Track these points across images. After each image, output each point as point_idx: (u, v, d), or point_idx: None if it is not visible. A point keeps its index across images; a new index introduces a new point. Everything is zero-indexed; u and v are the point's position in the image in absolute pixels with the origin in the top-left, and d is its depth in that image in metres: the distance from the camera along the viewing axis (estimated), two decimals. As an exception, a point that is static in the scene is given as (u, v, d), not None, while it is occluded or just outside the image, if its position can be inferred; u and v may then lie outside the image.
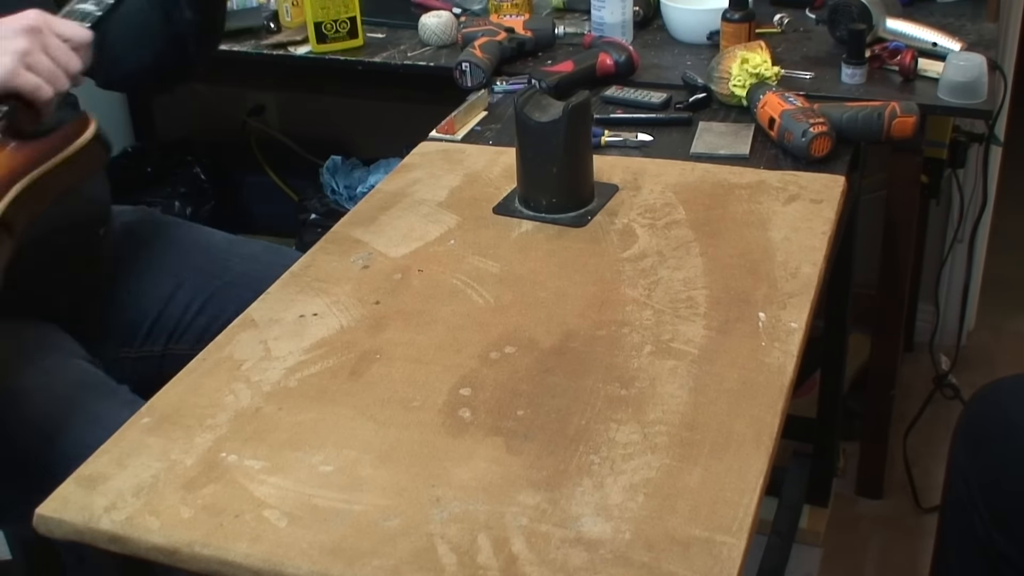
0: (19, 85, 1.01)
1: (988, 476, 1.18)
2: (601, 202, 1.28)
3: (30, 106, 1.03)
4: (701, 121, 1.49)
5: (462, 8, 2.00)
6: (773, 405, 0.93)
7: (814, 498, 1.95)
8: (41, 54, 1.03)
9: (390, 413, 0.95)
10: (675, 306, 1.07)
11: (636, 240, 1.19)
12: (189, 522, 0.84)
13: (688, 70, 1.62)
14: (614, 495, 0.84)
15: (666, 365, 0.99)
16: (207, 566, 0.82)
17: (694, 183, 1.31)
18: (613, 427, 0.91)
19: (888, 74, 1.60)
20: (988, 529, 1.16)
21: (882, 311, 1.80)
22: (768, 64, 1.48)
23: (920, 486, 2.00)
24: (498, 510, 0.83)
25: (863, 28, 1.59)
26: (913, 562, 1.88)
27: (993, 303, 2.47)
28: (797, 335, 1.02)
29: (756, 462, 0.87)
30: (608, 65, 1.62)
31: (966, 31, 1.72)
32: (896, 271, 1.76)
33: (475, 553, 0.80)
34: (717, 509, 0.82)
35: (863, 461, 2.01)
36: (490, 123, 1.53)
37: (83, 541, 0.87)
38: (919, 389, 2.17)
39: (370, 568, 0.79)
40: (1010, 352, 2.39)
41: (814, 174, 1.31)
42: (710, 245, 1.17)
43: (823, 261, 1.13)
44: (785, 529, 1.77)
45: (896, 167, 1.66)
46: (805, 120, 1.34)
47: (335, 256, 1.20)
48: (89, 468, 0.91)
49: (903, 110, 1.38)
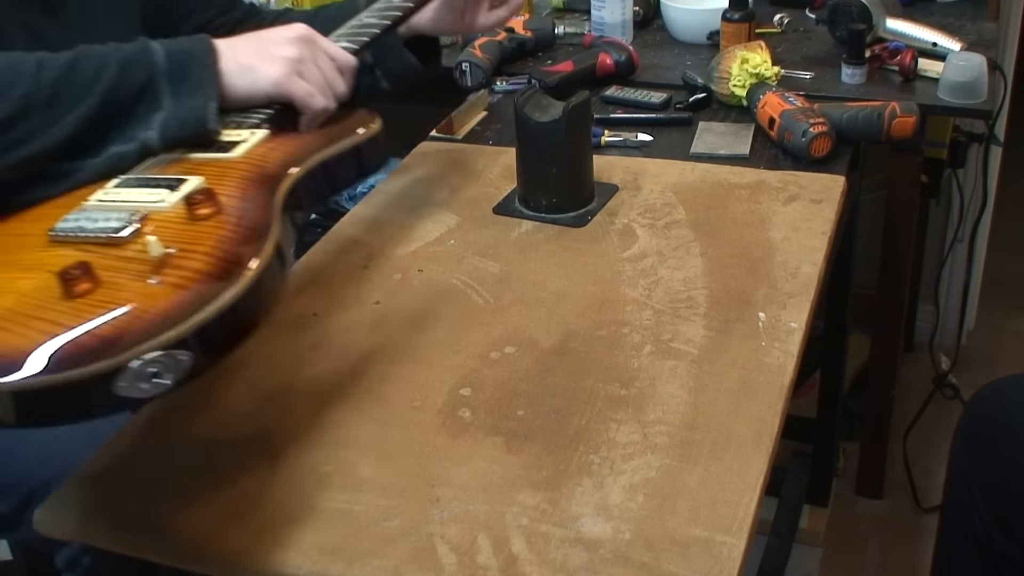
0: (292, 91, 1.00)
1: (989, 476, 1.18)
2: (601, 202, 1.28)
3: (296, 115, 1.02)
4: (701, 121, 1.49)
5: (462, 8, 2.00)
6: (773, 405, 0.93)
7: (814, 498, 1.95)
8: (312, 64, 1.03)
9: (390, 413, 0.95)
10: (675, 306, 1.07)
11: (636, 240, 1.19)
12: (189, 522, 0.84)
13: (688, 70, 1.62)
14: (614, 495, 0.84)
15: (666, 365, 0.99)
16: (207, 566, 0.82)
17: (694, 183, 1.31)
18: (613, 427, 0.91)
19: (888, 74, 1.60)
20: (989, 529, 1.16)
21: (882, 311, 1.80)
22: (768, 64, 1.48)
23: (920, 486, 2.00)
24: (498, 510, 0.83)
25: (863, 28, 1.59)
26: (913, 562, 1.88)
27: (993, 303, 2.47)
28: (797, 335, 1.02)
29: (756, 462, 0.87)
30: (608, 65, 1.62)
31: (966, 31, 1.73)
32: (896, 271, 1.76)
33: (475, 553, 0.80)
34: (717, 509, 0.82)
35: (863, 461, 2.01)
36: (490, 123, 1.53)
37: (83, 541, 0.87)
38: (919, 389, 2.17)
39: (370, 568, 0.79)
40: (1010, 352, 2.39)
41: (814, 174, 1.31)
42: (710, 245, 1.17)
43: (823, 261, 1.13)
44: (785, 529, 1.77)
45: (896, 167, 1.66)
46: (805, 120, 1.34)
47: (335, 256, 1.20)
48: (89, 468, 0.91)
49: (903, 110, 1.38)
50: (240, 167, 0.94)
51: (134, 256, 0.82)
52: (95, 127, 0.94)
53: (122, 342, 0.73)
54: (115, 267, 0.81)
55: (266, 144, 0.98)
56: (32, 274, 0.83)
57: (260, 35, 1.03)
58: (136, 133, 0.95)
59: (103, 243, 0.85)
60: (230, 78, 0.98)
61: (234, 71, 0.99)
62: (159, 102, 0.95)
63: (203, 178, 0.91)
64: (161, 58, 0.96)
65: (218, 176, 0.92)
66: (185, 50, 0.97)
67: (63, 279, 0.78)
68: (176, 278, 0.78)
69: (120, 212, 0.87)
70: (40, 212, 0.93)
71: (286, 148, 0.97)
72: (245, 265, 0.79)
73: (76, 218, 0.88)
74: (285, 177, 0.92)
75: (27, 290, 0.81)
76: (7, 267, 0.87)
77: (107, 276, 0.79)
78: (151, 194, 0.90)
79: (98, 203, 0.91)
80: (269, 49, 1.01)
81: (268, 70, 0.99)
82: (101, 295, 0.78)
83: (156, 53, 0.96)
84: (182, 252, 0.81)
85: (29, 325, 0.77)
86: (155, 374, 0.73)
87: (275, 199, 0.89)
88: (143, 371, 0.72)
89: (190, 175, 0.92)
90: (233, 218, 0.85)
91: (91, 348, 0.73)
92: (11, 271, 0.85)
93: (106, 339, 0.73)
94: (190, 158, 0.96)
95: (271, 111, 1.02)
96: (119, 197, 0.91)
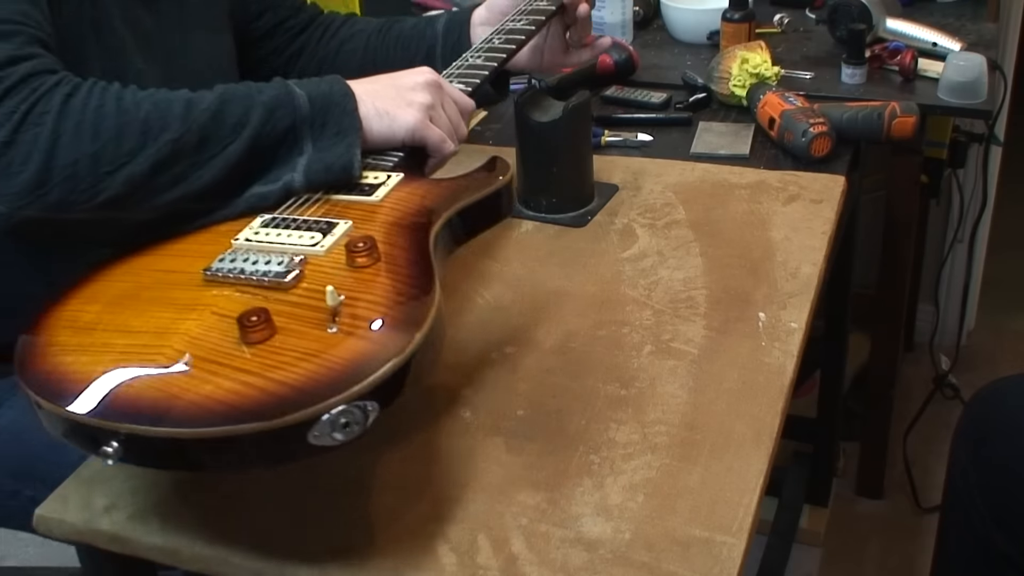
0: (427, 136, 1.02)
1: (989, 476, 1.18)
2: (601, 202, 1.28)
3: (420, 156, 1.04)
4: (701, 121, 1.49)
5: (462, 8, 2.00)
6: (773, 405, 0.93)
7: (814, 498, 1.95)
8: (441, 110, 1.05)
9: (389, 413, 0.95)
10: (675, 306, 1.07)
11: (636, 240, 1.19)
12: (189, 522, 0.84)
13: (688, 70, 1.62)
14: (614, 495, 0.84)
15: (666, 365, 0.99)
16: (207, 566, 0.82)
17: (694, 183, 1.31)
18: (613, 427, 0.91)
19: (888, 74, 1.60)
20: (989, 529, 1.16)
21: (882, 311, 1.80)
22: (768, 64, 1.48)
23: (920, 486, 2.00)
24: (498, 510, 0.83)
25: (863, 28, 1.59)
26: (913, 562, 1.88)
27: (993, 303, 2.47)
28: (797, 335, 1.02)
29: (756, 462, 0.87)
30: (608, 65, 1.62)
31: (966, 31, 1.73)
32: (896, 271, 1.76)
33: (475, 553, 0.80)
34: (717, 509, 0.82)
35: (863, 461, 2.01)
36: (490, 123, 1.53)
37: (83, 541, 0.87)
38: (919, 389, 2.17)
39: (370, 568, 0.79)
40: (1010, 352, 2.39)
41: (814, 174, 1.31)
42: (710, 245, 1.17)
43: (823, 261, 1.13)
44: (785, 529, 1.77)
45: (896, 167, 1.66)
46: (805, 120, 1.34)
47: (335, 256, 1.20)
48: (89, 468, 0.91)
49: (903, 110, 1.38)
50: (384, 211, 0.95)
51: (303, 302, 0.83)
52: (240, 169, 0.95)
53: (316, 394, 0.73)
54: (287, 312, 0.81)
55: (405, 188, 0.98)
56: (195, 315, 0.83)
57: (393, 80, 1.04)
58: (280, 174, 0.96)
59: (266, 286, 0.85)
60: (368, 123, 1.00)
61: (372, 116, 1.00)
62: (301, 146, 0.97)
63: (352, 222, 0.92)
64: (304, 102, 0.97)
65: (364, 220, 0.93)
66: (326, 94, 0.98)
67: (243, 325, 0.78)
68: (353, 328, 0.78)
69: (278, 255, 0.88)
70: (183, 248, 0.94)
71: (428, 194, 0.98)
72: (422, 317, 0.79)
73: (232, 258, 0.88)
74: (432, 224, 0.93)
75: (197, 333, 0.81)
76: (162, 304, 0.86)
77: (281, 322, 0.80)
78: (303, 237, 0.91)
79: (249, 243, 0.91)
80: (404, 95, 1.02)
81: (405, 116, 1.01)
82: (281, 343, 0.78)
83: (299, 97, 0.97)
84: (350, 300, 0.81)
85: (214, 372, 0.76)
86: (346, 424, 0.73)
87: (429, 246, 0.90)
88: (337, 421, 0.73)
89: (336, 217, 0.93)
90: (395, 267, 0.86)
91: (286, 399, 0.73)
92: (167, 309, 0.85)
93: (299, 390, 0.73)
94: (332, 199, 0.97)
95: (401, 153, 1.03)
96: (269, 238, 0.91)
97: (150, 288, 0.88)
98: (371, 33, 1.39)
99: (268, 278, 0.85)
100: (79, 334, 0.83)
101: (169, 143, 0.90)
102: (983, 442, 1.21)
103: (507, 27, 1.27)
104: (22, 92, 0.87)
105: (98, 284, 0.91)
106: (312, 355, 0.76)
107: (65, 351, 0.81)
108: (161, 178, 0.91)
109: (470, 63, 1.19)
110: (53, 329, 0.85)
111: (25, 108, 0.87)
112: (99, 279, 0.91)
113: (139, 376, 0.77)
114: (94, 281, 0.91)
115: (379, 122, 1.00)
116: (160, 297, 0.87)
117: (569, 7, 1.32)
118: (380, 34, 1.39)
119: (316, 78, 1.01)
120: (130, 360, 0.79)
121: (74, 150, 0.87)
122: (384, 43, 1.38)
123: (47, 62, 0.92)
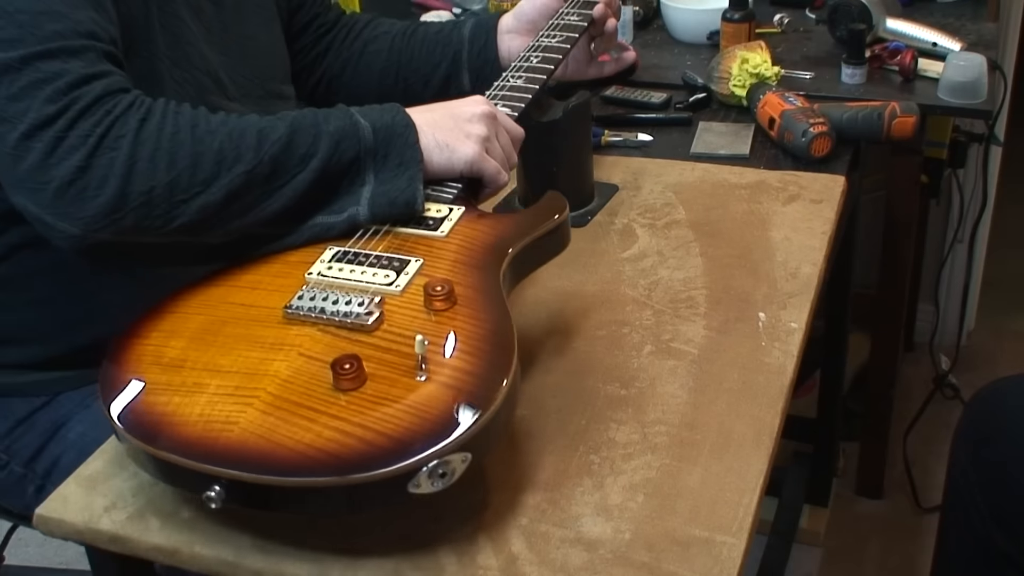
0: (484, 169, 1.02)
1: (989, 476, 1.18)
2: (601, 202, 1.28)
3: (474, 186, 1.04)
4: (701, 121, 1.49)
5: (462, 8, 2.00)
6: (773, 405, 0.93)
7: (814, 498, 1.95)
8: (495, 141, 1.05)
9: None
10: (675, 306, 1.07)
11: (636, 240, 1.19)
12: (189, 522, 0.84)
13: (688, 70, 1.62)
14: (614, 495, 0.84)
15: (666, 365, 0.99)
16: (207, 566, 0.82)
17: (694, 183, 1.31)
18: (613, 427, 0.91)
19: (888, 74, 1.60)
20: (989, 529, 1.16)
21: (882, 311, 1.80)
22: (768, 64, 1.48)
23: (920, 486, 2.00)
24: (498, 510, 0.83)
25: (863, 28, 1.59)
26: (913, 562, 1.88)
27: (993, 303, 2.47)
28: (797, 335, 1.02)
29: (756, 462, 0.87)
30: (608, 65, 1.62)
31: (966, 31, 1.72)
32: (896, 271, 1.76)
33: (475, 553, 0.80)
34: (717, 509, 0.82)
35: (863, 461, 2.01)
36: (490, 123, 1.53)
37: (83, 541, 0.87)
38: (919, 389, 2.17)
39: (370, 568, 0.79)
40: (1010, 352, 2.39)
41: (814, 174, 1.31)
42: (710, 245, 1.17)
43: (823, 261, 1.13)
44: (785, 529, 1.77)
45: (896, 167, 1.66)
46: (805, 120, 1.34)
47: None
48: (89, 468, 0.91)
49: (903, 110, 1.38)
50: (452, 248, 0.96)
51: (388, 346, 0.84)
52: (307, 198, 0.96)
53: (415, 446, 0.75)
54: (375, 358, 0.83)
55: (468, 223, 0.99)
56: (282, 355, 0.85)
57: (450, 109, 1.04)
58: (344, 205, 0.97)
59: (348, 327, 0.87)
60: (429, 154, 1.00)
61: (432, 148, 1.00)
62: (364, 176, 0.97)
63: (423, 259, 0.93)
64: (368, 133, 0.97)
65: (432, 256, 0.95)
66: (388, 126, 0.99)
67: (336, 372, 0.80)
68: (442, 377, 0.80)
69: (356, 294, 0.89)
70: (256, 280, 0.95)
71: (492, 230, 0.99)
72: (507, 364, 0.81)
73: (311, 295, 0.90)
74: (501, 262, 0.94)
75: (287, 375, 0.83)
76: (247, 343, 0.88)
77: (371, 368, 0.82)
78: (377, 275, 0.92)
79: (323, 278, 0.93)
80: (462, 126, 1.02)
81: (464, 149, 1.01)
82: (375, 391, 0.80)
83: (364, 128, 0.97)
84: (434, 345, 0.83)
85: (312, 419, 0.78)
86: (443, 475, 0.75)
87: (501, 287, 0.91)
88: (435, 471, 0.75)
89: (405, 253, 0.95)
90: (473, 311, 0.87)
91: (388, 450, 0.75)
92: (254, 348, 0.87)
93: (399, 441, 0.76)
94: (398, 232, 0.99)
95: (460, 184, 1.03)
96: (342, 274, 0.93)
97: (230, 323, 0.90)
98: (395, 35, 1.40)
99: (350, 320, 0.87)
100: (167, 372, 0.85)
101: (243, 174, 0.91)
102: (983, 442, 1.21)
103: (542, 44, 1.27)
104: (96, 114, 0.87)
105: (176, 316, 0.92)
106: (407, 406, 0.78)
107: (156, 390, 0.83)
108: (233, 207, 0.92)
109: (512, 84, 1.19)
110: (139, 364, 0.86)
111: (101, 132, 0.87)
112: (175, 311, 0.93)
113: (239, 421, 0.79)
114: (171, 313, 0.92)
115: (439, 154, 1.01)
116: (243, 334, 0.88)
117: (598, 21, 1.33)
118: (405, 36, 1.40)
119: (377, 107, 1.01)
120: (225, 403, 0.80)
121: (150, 178, 0.88)
122: (409, 45, 1.39)
123: (120, 80, 0.92)
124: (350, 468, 0.75)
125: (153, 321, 0.91)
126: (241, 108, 1.13)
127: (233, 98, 1.16)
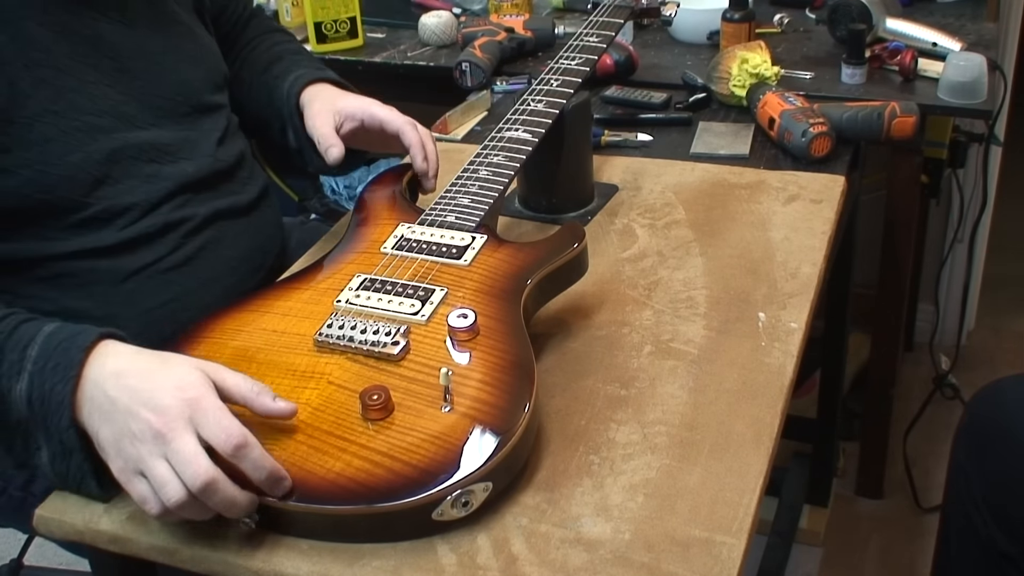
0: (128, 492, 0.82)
1: (989, 476, 1.18)
2: (601, 202, 1.28)
3: None
4: (701, 121, 1.49)
5: (462, 8, 2.00)
6: (773, 405, 0.93)
7: (814, 498, 1.95)
8: (162, 460, 0.79)
9: (390, 413, 0.95)
10: (675, 306, 1.07)
11: (636, 240, 1.19)
12: (189, 522, 0.84)
13: (688, 70, 1.62)
14: (614, 495, 0.84)
15: (666, 365, 0.99)
16: (207, 566, 0.82)
17: (694, 183, 1.31)
18: (613, 427, 0.91)
19: (888, 74, 1.61)
20: (989, 529, 1.16)
21: (882, 311, 1.80)
22: (768, 64, 1.48)
23: (920, 486, 2.00)
24: (498, 510, 0.83)
25: (863, 28, 1.59)
26: (913, 562, 1.88)
27: (993, 303, 2.47)
28: (797, 335, 1.02)
29: (756, 462, 0.87)
30: (608, 65, 1.62)
31: (966, 31, 1.73)
32: (896, 271, 1.76)
33: (475, 553, 0.80)
34: (717, 509, 0.82)
35: (863, 461, 2.01)
36: (490, 123, 1.53)
37: (83, 541, 0.87)
38: (919, 389, 2.17)
39: (370, 568, 0.79)
40: (1010, 352, 2.40)
41: (814, 174, 1.31)
42: (710, 245, 1.17)
43: (823, 261, 1.13)
44: (785, 529, 1.77)
45: (896, 167, 1.66)
46: (805, 120, 1.34)
47: (335, 256, 1.20)
48: (89, 468, 0.91)
49: (903, 110, 1.38)
50: (475, 277, 0.98)
51: (415, 376, 0.87)
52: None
53: (440, 476, 0.79)
54: (402, 388, 0.86)
55: (491, 253, 1.01)
56: (313, 383, 0.88)
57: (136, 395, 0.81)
58: None
59: (376, 356, 0.89)
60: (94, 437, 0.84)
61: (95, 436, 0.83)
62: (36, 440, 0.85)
63: (447, 289, 0.96)
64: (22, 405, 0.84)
65: (456, 285, 0.97)
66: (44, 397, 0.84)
67: (365, 403, 0.83)
68: (466, 408, 0.84)
69: (384, 323, 0.92)
70: (287, 307, 0.98)
71: (514, 259, 1.00)
72: (527, 395, 0.85)
73: (340, 323, 0.93)
74: (522, 291, 0.96)
75: (318, 404, 0.86)
76: (280, 370, 0.90)
77: (398, 398, 0.85)
78: (403, 304, 0.94)
79: (351, 306, 0.95)
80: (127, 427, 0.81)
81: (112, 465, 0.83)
82: (401, 421, 0.84)
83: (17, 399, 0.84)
84: (458, 377, 0.86)
85: (342, 448, 0.82)
86: (466, 503, 0.79)
87: (521, 317, 0.93)
88: (459, 500, 0.79)
89: (430, 282, 0.97)
90: (496, 342, 0.90)
91: (414, 480, 0.79)
92: (287, 376, 0.89)
93: (425, 471, 0.79)
94: (423, 259, 1.00)
95: (482, 214, 1.05)
96: (370, 303, 0.95)
97: (264, 350, 0.93)
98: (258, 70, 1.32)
99: (377, 349, 0.90)
100: None
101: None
102: (983, 442, 1.21)
103: (562, 67, 1.26)
104: None
105: (213, 340, 0.94)
106: (433, 436, 0.82)
107: None
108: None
109: (532, 109, 1.19)
110: None
111: None
112: (212, 334, 0.95)
113: (272, 450, 0.81)
114: (208, 337, 0.95)
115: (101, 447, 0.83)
116: (277, 361, 0.91)
117: None
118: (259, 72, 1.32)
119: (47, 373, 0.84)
120: (262, 430, 0.82)
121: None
122: (254, 92, 1.31)
123: None
124: (378, 497, 0.78)
125: (189, 346, 0.93)
126: (161, 133, 1.11)
127: (148, 125, 1.10)
